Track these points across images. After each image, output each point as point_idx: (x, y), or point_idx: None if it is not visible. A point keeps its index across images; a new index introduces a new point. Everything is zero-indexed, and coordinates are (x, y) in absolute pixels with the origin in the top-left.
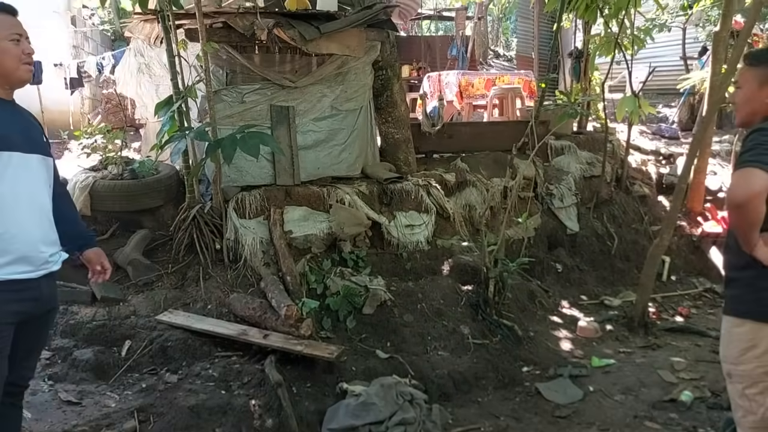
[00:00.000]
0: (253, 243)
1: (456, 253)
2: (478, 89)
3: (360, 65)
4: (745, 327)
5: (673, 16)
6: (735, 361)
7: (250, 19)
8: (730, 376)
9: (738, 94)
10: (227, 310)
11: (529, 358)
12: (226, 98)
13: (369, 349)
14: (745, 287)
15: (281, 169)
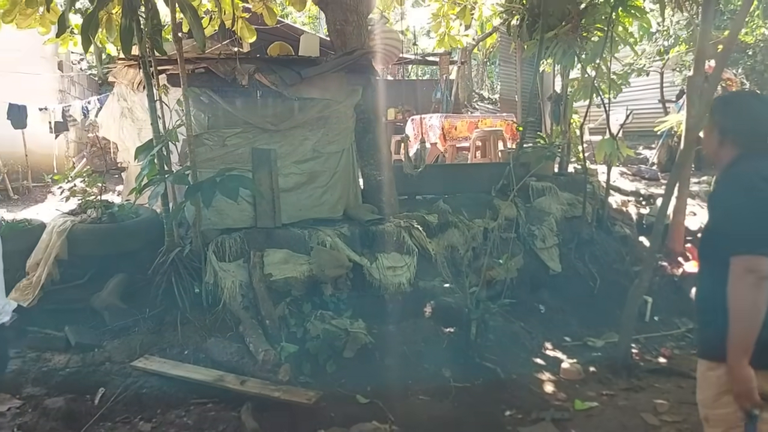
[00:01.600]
0: (233, 286)
1: (438, 294)
2: (461, 132)
3: (342, 109)
4: (721, 370)
5: (650, 61)
6: (712, 405)
7: (231, 64)
8: (708, 421)
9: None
10: (205, 355)
11: (512, 402)
12: (208, 142)
13: (349, 394)
14: (720, 330)
15: (262, 211)
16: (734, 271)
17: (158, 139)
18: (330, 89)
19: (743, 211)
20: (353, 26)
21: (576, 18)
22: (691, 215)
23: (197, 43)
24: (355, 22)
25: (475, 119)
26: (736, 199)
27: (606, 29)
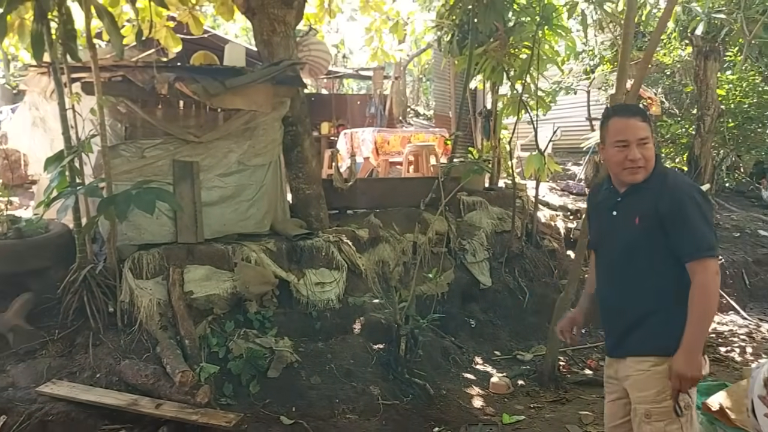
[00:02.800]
0: (150, 305)
1: (368, 310)
2: (394, 146)
3: (269, 120)
4: (666, 365)
5: (577, 79)
6: (656, 399)
7: (150, 72)
8: (650, 416)
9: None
10: (118, 378)
11: (441, 418)
12: (125, 153)
13: (272, 416)
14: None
15: (183, 226)
16: (707, 272)
17: (70, 149)
18: (256, 100)
19: (709, 217)
20: (281, 37)
21: (504, 35)
22: None
23: (115, 51)
24: (282, 33)
25: (407, 134)
26: (704, 205)
27: (532, 47)
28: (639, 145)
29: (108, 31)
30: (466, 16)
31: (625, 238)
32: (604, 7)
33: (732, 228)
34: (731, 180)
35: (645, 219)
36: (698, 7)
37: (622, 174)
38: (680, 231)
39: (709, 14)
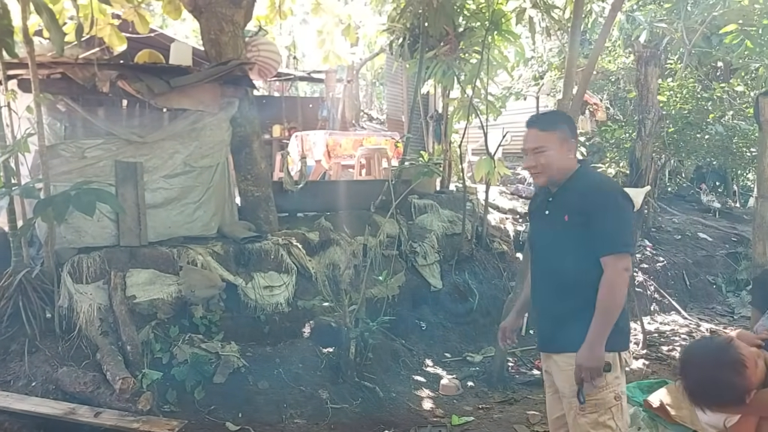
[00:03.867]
0: (90, 310)
1: (318, 314)
2: (346, 149)
3: (216, 121)
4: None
5: (527, 85)
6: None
7: (91, 70)
8: (584, 409)
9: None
10: (55, 386)
11: (390, 421)
12: (64, 153)
13: (218, 422)
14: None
15: (126, 228)
16: (616, 267)
17: (5, 148)
18: (203, 100)
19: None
20: (229, 36)
21: (454, 40)
22: None
23: (54, 47)
24: (231, 33)
25: (360, 137)
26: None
27: (482, 52)
28: (534, 153)
29: (47, 27)
30: (416, 20)
31: (555, 236)
32: (551, 14)
33: (673, 231)
34: (673, 184)
35: (572, 216)
36: (641, 17)
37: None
38: (598, 228)
39: (651, 23)
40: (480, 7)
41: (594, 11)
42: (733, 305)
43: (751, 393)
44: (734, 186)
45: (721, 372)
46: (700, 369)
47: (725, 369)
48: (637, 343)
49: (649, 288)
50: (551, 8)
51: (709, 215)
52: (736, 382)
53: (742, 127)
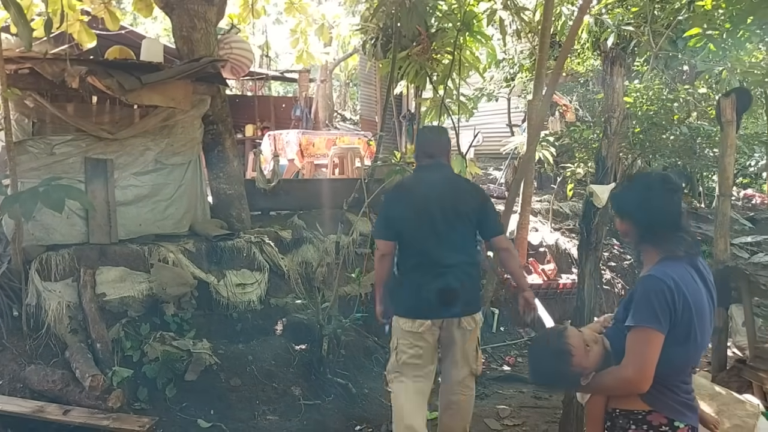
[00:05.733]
0: (59, 308)
1: (291, 311)
2: (319, 148)
3: (188, 119)
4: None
5: (498, 87)
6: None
7: (60, 65)
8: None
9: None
10: (23, 385)
11: (363, 416)
12: (33, 149)
13: (190, 419)
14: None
15: (96, 226)
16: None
17: None
18: (175, 97)
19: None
20: (201, 33)
21: (426, 40)
22: (533, 231)
23: (23, 42)
24: (203, 30)
25: (333, 136)
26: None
27: (454, 52)
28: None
29: (15, 22)
30: (389, 20)
31: None
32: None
33: None
34: None
35: None
36: (609, 20)
37: None
38: None
39: (618, 26)
40: (452, 8)
41: (564, 14)
42: None
43: (588, 376)
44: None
45: (548, 360)
46: (534, 358)
47: (552, 358)
48: None
49: (617, 285)
50: (522, 10)
51: None
52: (562, 369)
53: (705, 129)
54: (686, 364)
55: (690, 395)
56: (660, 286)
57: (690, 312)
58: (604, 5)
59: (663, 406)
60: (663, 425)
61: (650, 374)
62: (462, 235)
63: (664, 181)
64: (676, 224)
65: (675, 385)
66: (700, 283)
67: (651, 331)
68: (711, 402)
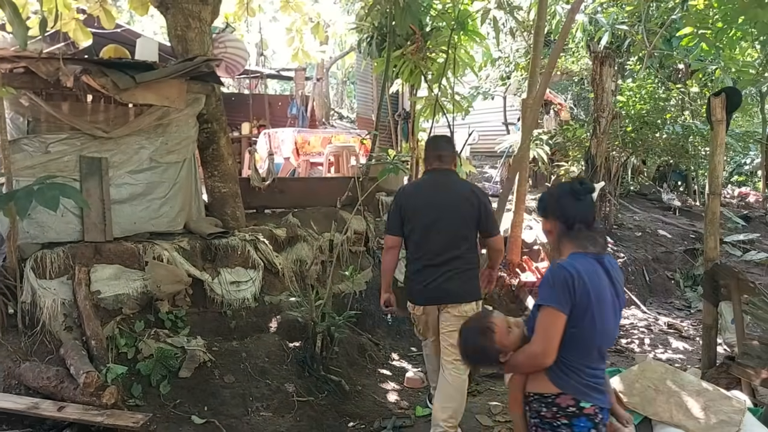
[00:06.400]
0: (54, 305)
1: (285, 309)
2: (314, 147)
3: (182, 117)
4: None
5: (494, 85)
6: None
7: (54, 64)
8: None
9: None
10: (18, 381)
11: (356, 413)
12: (27, 148)
13: (183, 415)
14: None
15: (90, 224)
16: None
17: None
18: (169, 96)
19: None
20: (195, 32)
21: (421, 39)
22: (527, 229)
23: (18, 41)
24: (197, 29)
25: (328, 134)
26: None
27: (448, 51)
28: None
29: (10, 21)
30: (384, 19)
31: None
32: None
33: (634, 228)
34: (635, 183)
35: None
36: (603, 19)
37: None
38: None
39: (612, 25)
40: (446, 6)
41: (558, 13)
42: (690, 299)
43: (507, 354)
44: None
45: (475, 337)
46: (464, 336)
47: (477, 334)
48: None
49: None
50: (515, 9)
51: (669, 213)
52: (485, 345)
53: (698, 127)
54: (588, 347)
55: (597, 379)
56: (563, 273)
57: (588, 298)
58: (599, 4)
59: (569, 387)
60: (570, 406)
61: (552, 349)
62: (462, 234)
63: (576, 189)
64: (588, 225)
65: (579, 368)
66: (604, 277)
67: (553, 310)
68: (698, 398)
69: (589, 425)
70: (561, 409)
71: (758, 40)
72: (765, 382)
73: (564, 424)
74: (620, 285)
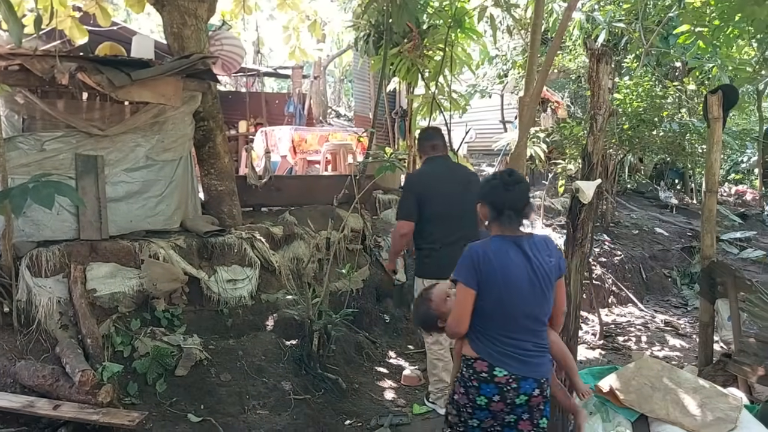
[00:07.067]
0: (49, 304)
1: (281, 307)
2: (311, 145)
3: (179, 115)
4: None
5: (491, 83)
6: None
7: (50, 61)
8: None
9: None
10: (13, 380)
11: (353, 411)
12: (22, 146)
13: (180, 414)
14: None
15: (86, 222)
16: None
17: None
18: (165, 93)
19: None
20: (192, 30)
21: (418, 37)
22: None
23: (13, 38)
24: (193, 26)
25: (325, 132)
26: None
27: (445, 49)
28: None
29: (5, 18)
30: (381, 17)
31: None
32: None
33: (631, 226)
34: (632, 181)
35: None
36: (600, 16)
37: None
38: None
39: (610, 23)
40: (443, 4)
41: (555, 11)
42: (687, 297)
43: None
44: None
45: (418, 305)
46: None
47: (419, 303)
48: (595, 334)
49: (607, 281)
50: (512, 7)
51: (666, 211)
52: (425, 312)
53: (695, 125)
54: (504, 319)
55: (516, 349)
56: (470, 253)
57: (495, 275)
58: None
59: (484, 353)
60: (483, 372)
61: (463, 319)
62: (471, 210)
63: (505, 180)
64: (517, 212)
65: (496, 336)
66: (521, 258)
67: (462, 286)
68: (695, 395)
69: (495, 391)
70: (476, 372)
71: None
72: (761, 379)
73: (474, 386)
74: (543, 263)
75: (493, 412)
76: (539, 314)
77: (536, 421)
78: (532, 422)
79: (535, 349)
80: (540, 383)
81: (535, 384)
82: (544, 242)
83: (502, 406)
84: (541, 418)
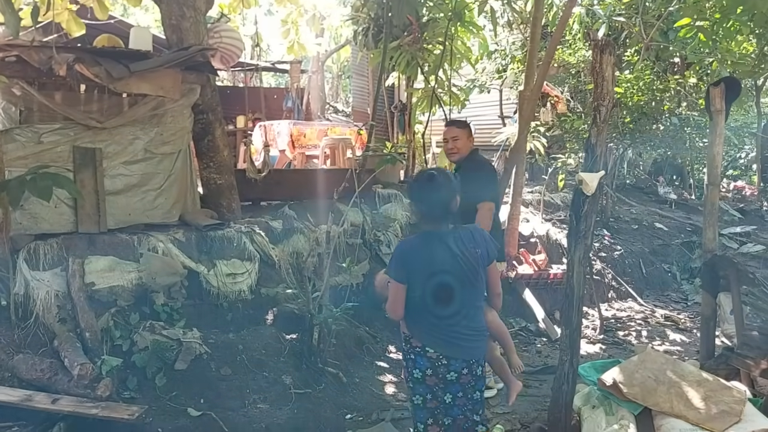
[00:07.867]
0: (47, 297)
1: (281, 301)
2: (310, 139)
3: (177, 108)
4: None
5: (490, 78)
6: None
7: (47, 53)
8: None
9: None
10: (11, 374)
11: (353, 405)
12: (20, 138)
13: (179, 408)
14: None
15: (84, 215)
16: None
17: None
18: (164, 86)
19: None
20: (190, 22)
21: (417, 30)
22: (524, 221)
23: (10, 30)
24: (192, 18)
25: (324, 127)
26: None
27: (445, 43)
28: (451, 141)
29: (2, 11)
30: (380, 10)
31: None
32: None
33: (631, 221)
34: (631, 176)
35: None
36: (600, 10)
37: (448, 157)
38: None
39: (610, 17)
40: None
41: (555, 4)
42: (686, 292)
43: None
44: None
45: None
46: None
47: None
48: (595, 329)
49: (607, 276)
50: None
51: (665, 206)
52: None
53: (695, 119)
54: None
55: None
56: (397, 249)
57: (420, 266)
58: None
59: (416, 334)
60: (417, 347)
61: (396, 307)
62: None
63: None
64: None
65: (426, 321)
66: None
67: (393, 281)
68: (698, 388)
69: (428, 365)
70: (412, 347)
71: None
72: (764, 372)
73: (411, 359)
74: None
75: (430, 387)
76: (468, 300)
77: (470, 395)
78: (467, 397)
79: (466, 332)
80: (469, 363)
81: (464, 364)
82: (470, 234)
83: (436, 381)
84: (474, 392)
